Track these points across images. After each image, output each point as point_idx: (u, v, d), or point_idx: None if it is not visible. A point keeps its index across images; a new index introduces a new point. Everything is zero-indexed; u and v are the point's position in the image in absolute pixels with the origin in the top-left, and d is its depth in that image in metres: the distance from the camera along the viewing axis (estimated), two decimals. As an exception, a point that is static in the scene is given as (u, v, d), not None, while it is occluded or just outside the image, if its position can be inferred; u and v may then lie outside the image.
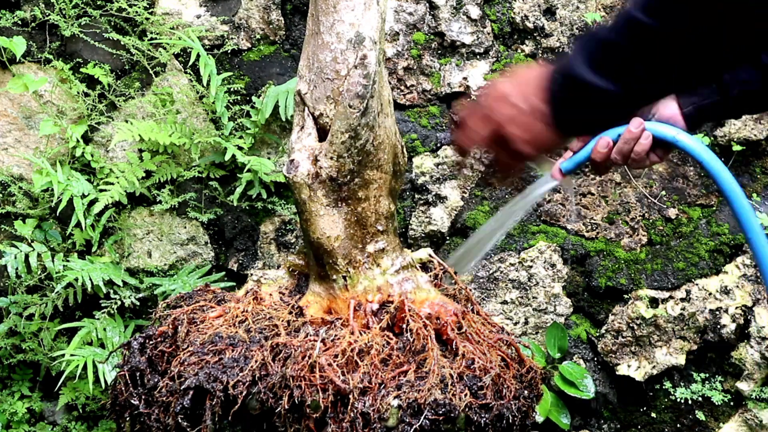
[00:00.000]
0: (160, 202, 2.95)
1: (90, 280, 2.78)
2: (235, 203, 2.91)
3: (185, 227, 2.99)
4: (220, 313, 1.87)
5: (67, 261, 2.85)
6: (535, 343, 2.86)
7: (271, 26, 3.02)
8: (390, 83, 2.50)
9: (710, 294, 2.83)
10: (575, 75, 1.16)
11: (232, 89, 2.97)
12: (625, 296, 2.88)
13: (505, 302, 2.91)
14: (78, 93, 2.95)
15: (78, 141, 2.90)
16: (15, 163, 2.99)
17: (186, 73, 2.98)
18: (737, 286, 2.82)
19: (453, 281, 1.98)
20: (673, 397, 2.88)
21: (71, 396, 2.90)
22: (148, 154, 2.95)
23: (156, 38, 2.94)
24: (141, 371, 1.79)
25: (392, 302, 1.77)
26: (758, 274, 2.80)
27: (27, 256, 2.87)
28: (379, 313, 1.76)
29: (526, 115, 1.25)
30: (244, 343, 1.74)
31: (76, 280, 2.78)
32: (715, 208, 2.87)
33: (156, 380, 1.77)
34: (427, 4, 2.95)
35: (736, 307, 2.84)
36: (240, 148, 2.90)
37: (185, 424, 1.69)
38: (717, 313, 2.84)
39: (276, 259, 2.98)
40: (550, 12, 2.93)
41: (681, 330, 2.83)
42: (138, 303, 2.90)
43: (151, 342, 1.83)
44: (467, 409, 1.68)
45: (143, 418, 1.75)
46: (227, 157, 2.88)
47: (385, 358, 1.69)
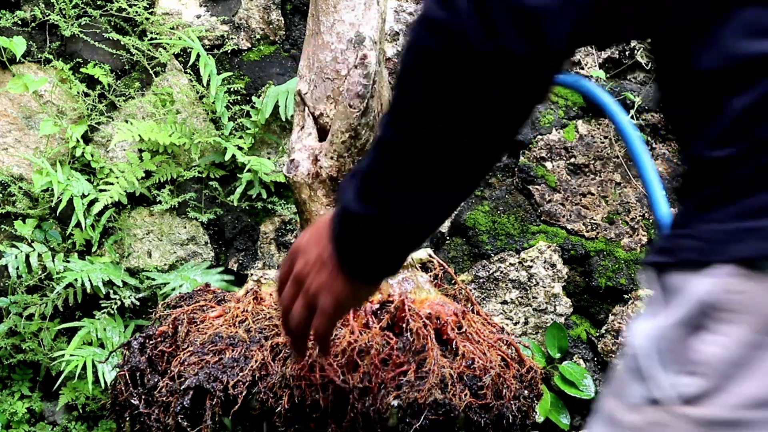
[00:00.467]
0: (160, 202, 2.95)
1: (90, 280, 2.78)
2: (236, 203, 2.91)
3: (185, 227, 2.99)
4: (220, 312, 1.87)
5: (67, 261, 2.85)
6: (535, 343, 2.86)
7: (271, 26, 3.02)
8: (390, 83, 2.49)
9: (710, 294, 2.83)
10: (344, 209, 1.05)
11: (232, 89, 2.97)
12: (625, 296, 2.88)
13: (505, 302, 2.91)
14: (78, 93, 2.95)
15: (78, 141, 2.90)
16: (15, 163, 2.99)
17: (186, 73, 2.98)
18: (737, 286, 2.82)
19: (453, 281, 1.98)
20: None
21: (71, 396, 2.90)
22: (148, 154, 2.95)
23: (156, 38, 2.95)
24: (141, 371, 1.78)
25: (392, 302, 1.77)
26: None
27: (27, 257, 2.87)
28: (379, 312, 1.75)
29: (318, 264, 1.12)
30: (244, 343, 1.74)
31: (76, 280, 2.78)
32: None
33: (156, 380, 1.76)
34: (427, 4, 2.95)
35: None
36: (240, 148, 2.90)
37: (185, 424, 1.69)
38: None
39: (276, 259, 2.98)
40: (550, 12, 2.93)
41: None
42: (138, 303, 2.90)
43: (151, 342, 1.83)
44: (467, 409, 1.68)
45: (143, 418, 1.75)
46: (227, 157, 2.88)
47: (385, 358, 1.68)
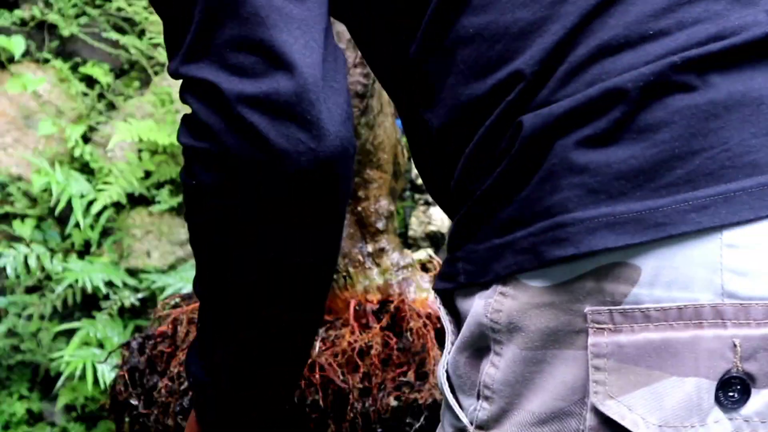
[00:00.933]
0: (159, 202, 2.95)
1: (90, 281, 2.77)
2: (235, 203, 2.91)
3: (184, 227, 2.99)
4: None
5: (66, 262, 2.85)
6: (536, 344, 2.86)
7: (270, 26, 3.01)
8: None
9: (711, 294, 2.83)
10: (189, 372, 1.08)
11: (231, 89, 2.97)
12: (626, 296, 2.88)
13: (505, 302, 2.91)
14: (77, 93, 2.95)
15: (77, 141, 2.90)
16: (14, 162, 2.99)
17: (185, 72, 2.98)
18: (738, 286, 2.82)
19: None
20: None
21: (70, 396, 2.90)
22: (147, 153, 2.95)
23: (155, 38, 2.94)
24: (140, 371, 1.78)
25: (392, 302, 1.77)
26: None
27: (26, 258, 2.87)
28: (379, 312, 1.75)
29: None
30: (244, 343, 1.74)
31: (76, 281, 2.77)
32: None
33: (155, 380, 1.76)
34: (427, 4, 2.95)
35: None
36: (239, 148, 2.90)
37: (185, 424, 1.69)
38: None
39: (275, 259, 2.97)
40: (550, 11, 2.93)
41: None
42: (137, 303, 2.90)
43: (150, 342, 1.82)
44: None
45: (142, 418, 1.75)
46: (227, 157, 2.88)
47: (385, 358, 1.68)
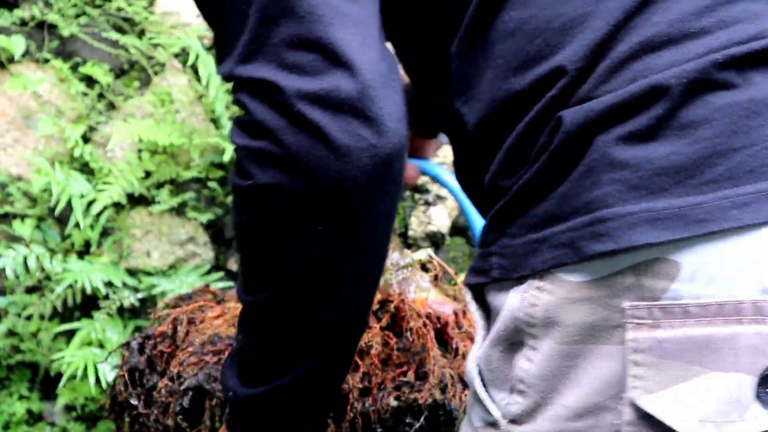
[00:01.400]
0: (159, 202, 2.95)
1: (89, 281, 2.77)
2: (235, 203, 2.91)
3: (184, 227, 2.98)
4: (219, 313, 1.87)
5: (66, 262, 2.85)
6: (536, 344, 2.86)
7: (270, 26, 3.01)
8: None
9: (711, 294, 2.83)
10: (224, 385, 1.12)
11: (231, 89, 2.96)
12: (626, 296, 2.88)
13: (505, 302, 2.90)
14: (77, 92, 2.95)
15: (77, 141, 2.90)
16: (13, 162, 2.99)
17: (185, 72, 2.98)
18: (738, 286, 2.82)
19: (453, 281, 1.97)
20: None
21: (70, 396, 2.89)
22: (147, 153, 2.94)
23: (155, 38, 2.94)
24: (140, 371, 1.78)
25: (392, 301, 1.76)
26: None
27: (25, 258, 2.87)
28: (378, 312, 1.75)
29: None
30: (244, 343, 1.74)
31: (76, 281, 2.77)
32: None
33: (155, 380, 1.76)
34: (427, 4, 2.95)
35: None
36: (239, 148, 2.90)
37: (185, 424, 1.69)
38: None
39: (275, 260, 2.97)
40: (550, 11, 2.93)
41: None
42: (137, 303, 2.90)
43: (150, 342, 1.82)
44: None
45: (142, 418, 1.74)
46: (226, 157, 2.88)
47: (384, 358, 1.68)
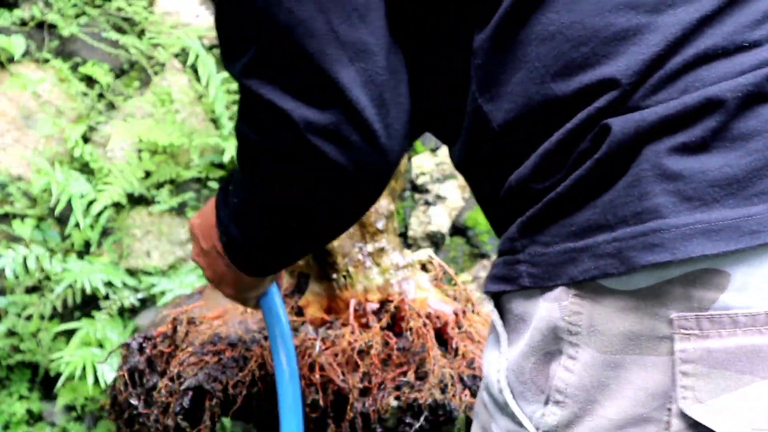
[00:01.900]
0: (159, 202, 2.94)
1: (89, 281, 2.77)
2: (235, 203, 2.90)
3: (184, 227, 2.98)
4: (219, 312, 1.87)
5: (66, 262, 2.85)
6: (536, 344, 2.86)
7: (270, 26, 3.01)
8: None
9: (711, 294, 2.82)
10: (221, 226, 1.11)
11: (231, 89, 2.96)
12: (626, 296, 2.87)
13: (505, 302, 2.90)
14: (76, 92, 2.94)
15: (77, 141, 2.90)
16: (14, 162, 2.99)
17: (185, 72, 2.98)
18: (738, 286, 2.81)
19: (453, 281, 1.97)
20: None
21: (70, 396, 2.89)
22: (147, 154, 2.94)
23: (155, 38, 2.94)
24: (140, 371, 1.78)
25: (392, 301, 1.77)
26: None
27: (25, 258, 2.87)
28: (378, 312, 1.75)
29: (214, 258, 1.19)
30: (244, 343, 1.74)
31: (76, 281, 2.77)
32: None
33: (155, 380, 1.76)
34: (427, 4, 2.95)
35: (737, 308, 2.83)
36: (239, 148, 2.90)
37: (185, 424, 1.69)
38: (718, 313, 2.83)
39: (275, 260, 2.97)
40: (550, 11, 2.93)
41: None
42: (137, 303, 2.90)
43: (150, 342, 1.82)
44: (468, 410, 1.67)
45: (142, 418, 1.74)
46: (226, 157, 2.88)
47: (384, 358, 1.68)
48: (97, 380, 2.74)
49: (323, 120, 0.86)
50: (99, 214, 2.92)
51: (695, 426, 0.80)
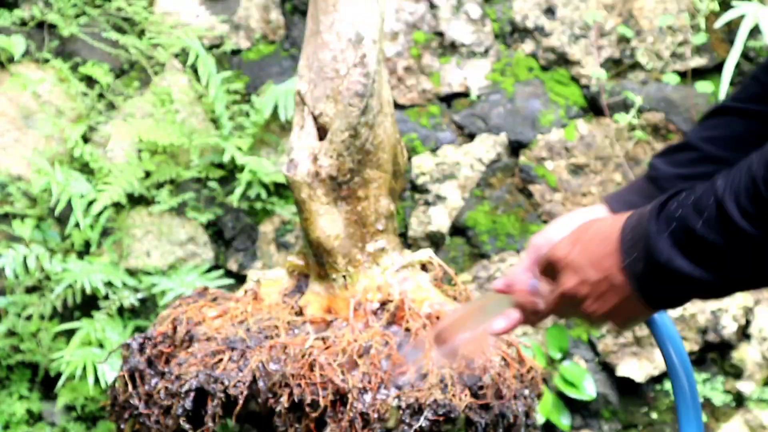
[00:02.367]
0: (159, 202, 2.94)
1: (89, 281, 2.77)
2: (235, 204, 2.91)
3: (184, 227, 2.98)
4: (219, 313, 1.87)
5: (66, 262, 2.85)
6: (536, 344, 2.86)
7: (270, 25, 3.01)
8: (390, 83, 2.49)
9: (711, 294, 2.82)
10: (665, 262, 1.05)
11: (231, 89, 2.96)
12: (626, 296, 2.87)
13: (505, 302, 2.90)
14: (76, 92, 2.94)
15: (77, 141, 2.90)
16: (14, 162, 2.99)
17: (185, 72, 2.98)
18: (738, 286, 2.81)
19: (453, 282, 1.97)
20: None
21: (70, 397, 2.89)
22: (146, 154, 2.94)
23: (155, 38, 2.94)
24: (140, 371, 1.78)
25: (392, 301, 1.77)
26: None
27: (25, 258, 2.87)
28: (379, 312, 1.75)
29: (604, 288, 1.11)
30: (244, 343, 1.74)
31: (75, 281, 2.77)
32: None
33: (155, 381, 1.76)
34: (427, 4, 2.95)
35: (737, 308, 2.83)
36: (239, 149, 2.90)
37: (187, 426, 1.69)
38: (718, 313, 2.83)
39: (275, 259, 2.97)
40: (550, 11, 2.93)
41: (682, 330, 2.82)
42: (137, 303, 2.90)
43: (150, 342, 1.82)
44: (467, 409, 1.67)
45: (143, 418, 1.74)
46: (226, 157, 2.88)
47: (384, 358, 1.68)
48: (97, 380, 2.74)
49: None
50: (99, 214, 2.92)
51: None
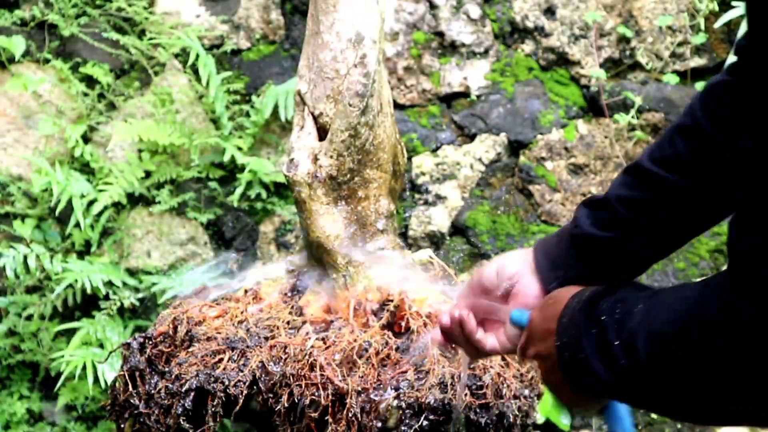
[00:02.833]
0: (159, 202, 2.95)
1: (90, 281, 2.77)
2: (235, 204, 2.91)
3: (184, 227, 2.98)
4: (219, 313, 1.87)
5: (66, 262, 2.85)
6: (535, 344, 2.85)
7: (270, 26, 3.01)
8: (390, 83, 2.49)
9: (711, 294, 2.82)
10: (583, 359, 1.04)
11: (231, 89, 2.96)
12: (626, 296, 2.87)
13: (505, 302, 2.90)
14: (77, 93, 2.95)
15: (77, 141, 2.90)
16: (14, 162, 2.99)
17: (185, 72, 2.98)
18: (738, 286, 2.81)
19: (453, 282, 1.97)
20: None
21: (70, 396, 2.89)
22: (147, 154, 2.94)
23: (155, 38, 2.94)
24: (141, 371, 1.78)
25: (392, 301, 1.77)
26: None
27: (25, 258, 2.87)
28: (379, 312, 1.75)
29: (545, 359, 1.12)
30: (244, 343, 1.74)
31: (76, 281, 2.77)
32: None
33: (156, 380, 1.76)
34: (427, 4, 2.95)
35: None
36: (239, 149, 2.90)
37: (187, 425, 1.69)
38: (717, 313, 2.83)
39: (276, 259, 2.97)
40: (550, 11, 2.93)
41: (681, 330, 2.82)
42: (137, 303, 2.90)
43: (150, 342, 1.82)
44: (467, 409, 1.67)
45: (143, 418, 1.75)
46: (226, 157, 2.88)
47: (384, 358, 1.68)
48: (97, 380, 2.74)
49: None
50: (99, 214, 2.92)
51: None
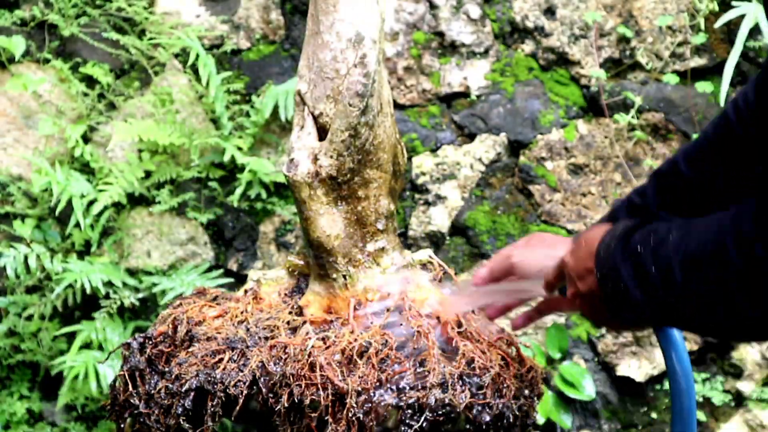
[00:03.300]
0: (159, 202, 2.95)
1: (89, 281, 2.77)
2: (235, 204, 2.91)
3: (185, 227, 2.99)
4: (219, 313, 1.87)
5: (66, 262, 2.85)
6: (536, 344, 2.86)
7: (270, 26, 3.01)
8: (390, 83, 2.49)
9: (711, 294, 2.82)
10: (624, 290, 1.13)
11: (231, 89, 2.97)
12: (626, 296, 2.87)
13: (505, 302, 2.90)
14: (77, 93, 2.95)
15: (77, 141, 2.90)
16: (14, 162, 2.99)
17: (185, 72, 2.98)
18: (738, 286, 2.81)
19: (453, 282, 1.97)
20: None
21: (70, 396, 2.90)
22: (147, 154, 2.95)
23: (155, 38, 2.94)
24: (141, 371, 1.78)
25: (392, 301, 1.77)
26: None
27: (26, 258, 2.87)
28: (378, 312, 1.75)
29: (588, 295, 1.22)
30: (244, 343, 1.74)
31: (76, 281, 2.77)
32: (715, 208, 2.87)
33: (156, 380, 1.76)
34: (427, 4, 2.95)
35: (737, 307, 2.83)
36: (239, 149, 2.90)
37: (187, 425, 1.69)
38: (717, 313, 2.83)
39: (276, 259, 2.97)
40: (550, 11, 2.93)
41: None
42: (138, 303, 2.90)
43: (150, 342, 1.82)
44: (467, 409, 1.67)
45: (143, 418, 1.75)
46: (226, 157, 2.88)
47: (384, 358, 1.68)
48: (97, 380, 2.75)
49: None
50: (99, 214, 2.92)
51: None
